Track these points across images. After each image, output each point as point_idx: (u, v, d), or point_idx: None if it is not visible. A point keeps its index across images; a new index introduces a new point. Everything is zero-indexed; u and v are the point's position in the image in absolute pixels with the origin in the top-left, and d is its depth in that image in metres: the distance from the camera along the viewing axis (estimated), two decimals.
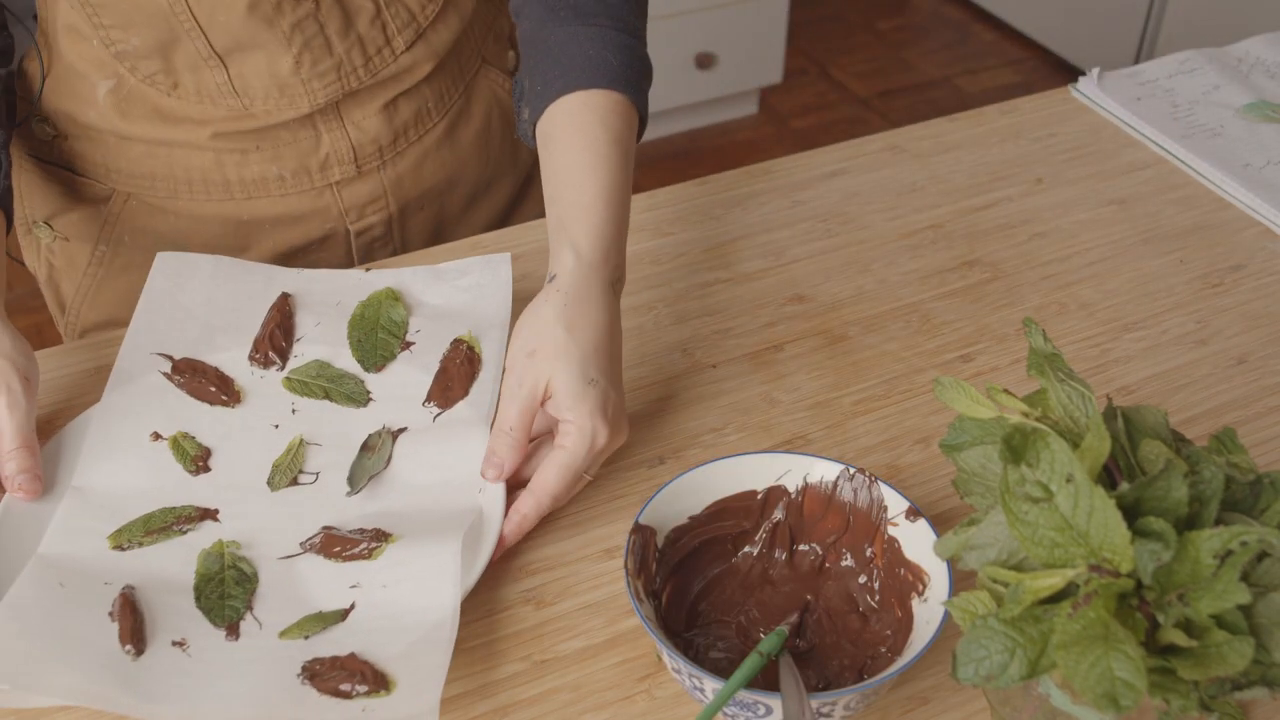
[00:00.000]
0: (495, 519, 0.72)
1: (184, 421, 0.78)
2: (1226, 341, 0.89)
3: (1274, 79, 1.16)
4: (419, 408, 0.79)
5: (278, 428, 0.78)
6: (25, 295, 2.26)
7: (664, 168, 2.59)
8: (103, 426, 0.77)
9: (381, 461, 0.76)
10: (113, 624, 0.66)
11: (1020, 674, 0.52)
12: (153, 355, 0.81)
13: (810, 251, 0.97)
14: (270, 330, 0.83)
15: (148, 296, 0.84)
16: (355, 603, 0.68)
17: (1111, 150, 1.09)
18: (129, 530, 0.72)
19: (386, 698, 0.63)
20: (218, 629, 0.67)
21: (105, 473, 0.75)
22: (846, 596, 0.70)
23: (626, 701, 0.66)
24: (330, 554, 0.71)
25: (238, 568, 0.70)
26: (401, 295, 0.86)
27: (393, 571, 0.70)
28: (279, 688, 0.64)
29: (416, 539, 0.71)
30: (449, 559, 0.68)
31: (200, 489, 0.75)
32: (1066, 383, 0.59)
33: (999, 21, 3.10)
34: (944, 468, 0.79)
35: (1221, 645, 0.51)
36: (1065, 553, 0.53)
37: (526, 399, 0.73)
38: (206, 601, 0.68)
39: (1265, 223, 1.00)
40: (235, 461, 0.77)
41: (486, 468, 0.74)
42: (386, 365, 0.82)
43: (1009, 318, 0.91)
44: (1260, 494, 0.57)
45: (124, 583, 0.68)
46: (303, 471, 0.76)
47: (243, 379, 0.81)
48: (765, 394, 0.84)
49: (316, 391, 0.81)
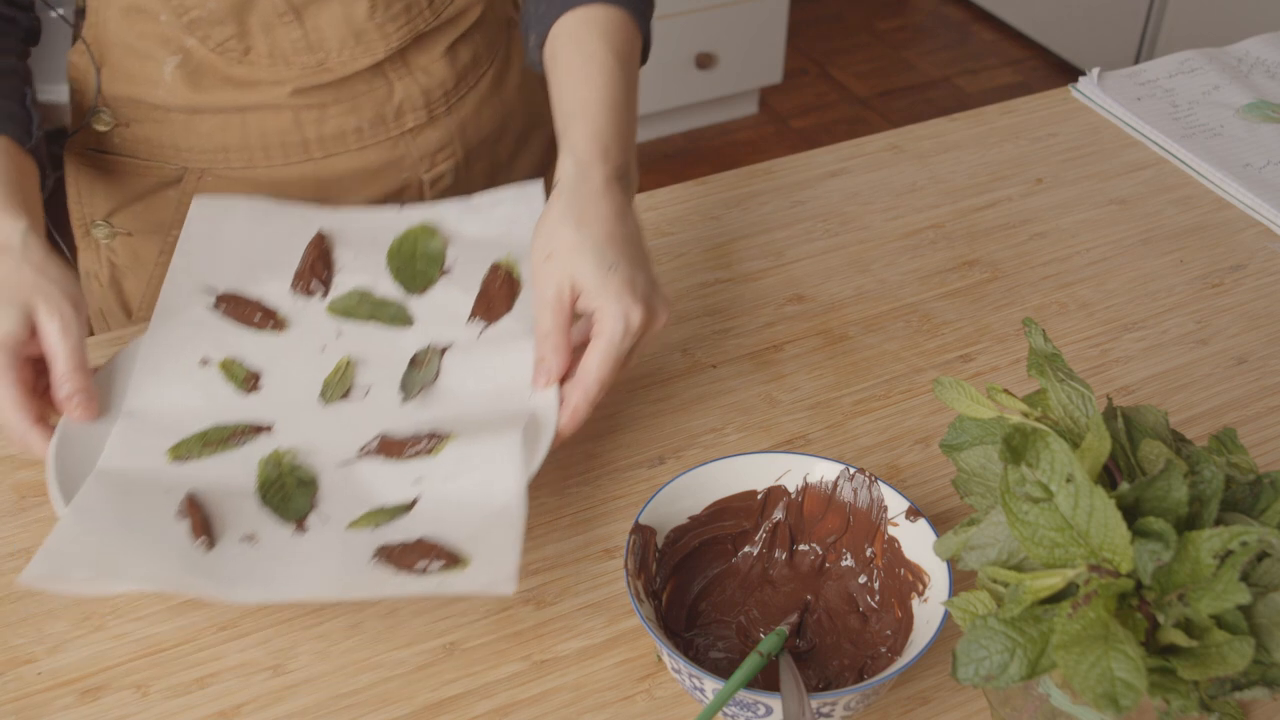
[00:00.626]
0: (550, 416, 0.73)
1: (231, 347, 0.79)
2: (1226, 341, 0.89)
3: (1274, 79, 1.16)
4: (463, 325, 0.81)
5: (324, 350, 0.80)
6: None
7: (664, 168, 2.58)
8: (150, 355, 0.78)
9: (431, 374, 0.78)
10: (181, 522, 0.67)
11: (1020, 674, 0.52)
12: (195, 291, 0.82)
13: (810, 251, 0.97)
14: (310, 262, 0.84)
15: (186, 238, 0.85)
16: (420, 495, 0.70)
17: (1111, 150, 1.09)
18: (186, 445, 0.74)
19: (463, 571, 0.65)
20: (286, 524, 0.69)
21: (156, 396, 0.76)
22: (846, 596, 0.70)
23: (626, 701, 0.66)
24: (390, 455, 0.73)
25: (297, 475, 0.72)
26: (437, 228, 0.87)
27: (455, 465, 0.72)
28: (354, 570, 0.66)
29: (475, 436, 0.73)
30: (510, 448, 0.71)
31: (253, 406, 0.76)
32: (1066, 383, 0.59)
33: (999, 21, 3.10)
34: (944, 468, 0.79)
35: (1221, 645, 0.51)
36: (1065, 553, 0.53)
37: (555, 301, 0.74)
38: (271, 501, 0.70)
39: (1265, 223, 1.00)
40: (285, 381, 0.78)
41: (536, 376, 0.75)
42: (427, 289, 0.84)
43: (1009, 318, 0.91)
44: (1260, 494, 0.57)
45: (186, 489, 0.70)
46: (353, 387, 0.78)
47: (286, 308, 0.82)
48: (765, 394, 0.84)
49: (361, 314, 0.82)
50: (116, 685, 0.67)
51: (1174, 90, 1.14)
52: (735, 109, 2.76)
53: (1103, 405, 0.60)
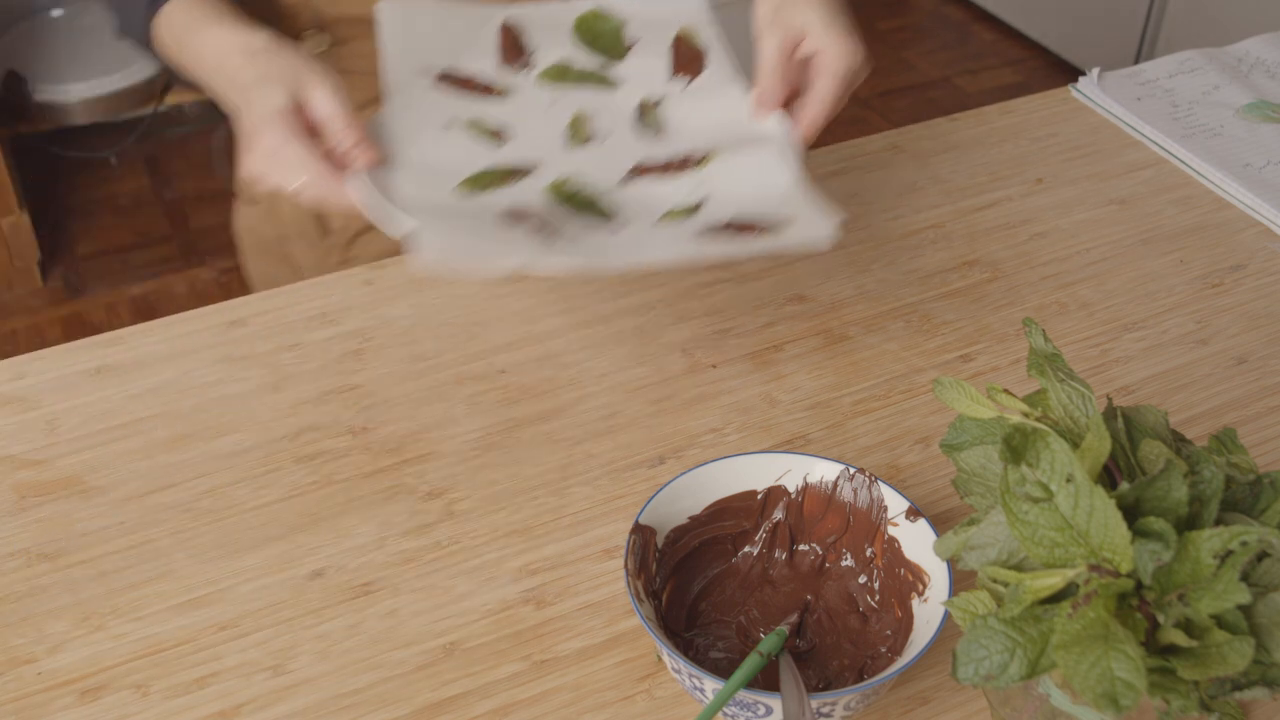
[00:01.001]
0: (784, 134, 0.79)
1: (469, 111, 0.83)
2: (1226, 341, 0.89)
3: (1274, 79, 1.16)
4: (667, 83, 0.86)
5: (553, 105, 0.84)
6: (25, 295, 2.26)
7: None
8: (396, 125, 0.81)
9: (659, 119, 0.83)
10: (518, 225, 0.71)
11: (1020, 674, 0.52)
12: (413, 75, 0.85)
13: (810, 251, 0.97)
14: (506, 46, 0.87)
15: (383, 38, 0.87)
16: (705, 197, 0.75)
17: (1111, 150, 1.09)
18: (471, 181, 0.77)
19: (784, 231, 0.69)
20: (596, 226, 0.74)
21: (419, 154, 0.79)
22: (846, 596, 0.70)
23: (626, 701, 0.66)
24: (661, 174, 0.77)
25: (584, 196, 0.76)
26: (608, 13, 0.91)
27: (726, 170, 0.77)
28: (682, 242, 0.70)
29: (732, 149, 0.78)
30: (770, 151, 0.76)
31: (509, 155, 0.80)
32: (1066, 383, 0.59)
33: (999, 21, 3.10)
34: (944, 468, 0.79)
35: (1221, 645, 0.51)
36: (1065, 553, 0.53)
37: (782, 37, 0.81)
38: (569, 210, 0.75)
39: (1265, 223, 1.00)
40: (529, 134, 0.82)
41: (759, 105, 0.81)
42: (622, 59, 0.88)
43: (1009, 318, 0.91)
44: (1260, 494, 0.57)
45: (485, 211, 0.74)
46: (593, 135, 0.82)
47: (502, 81, 0.86)
48: (765, 394, 0.84)
49: (570, 80, 0.86)
50: (116, 685, 0.67)
51: (1174, 90, 1.14)
52: None
53: (1103, 405, 0.60)
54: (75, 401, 0.83)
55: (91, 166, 2.55)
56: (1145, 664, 0.49)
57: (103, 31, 2.53)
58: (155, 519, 0.76)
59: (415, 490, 0.77)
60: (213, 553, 0.74)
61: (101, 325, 2.18)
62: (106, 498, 0.77)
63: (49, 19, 2.57)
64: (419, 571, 0.73)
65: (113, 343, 0.88)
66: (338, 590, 0.72)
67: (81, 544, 0.74)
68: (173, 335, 0.88)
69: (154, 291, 2.27)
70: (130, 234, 2.40)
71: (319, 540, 0.74)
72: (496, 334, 0.88)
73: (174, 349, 0.87)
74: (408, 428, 0.81)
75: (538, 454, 0.80)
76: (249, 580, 0.72)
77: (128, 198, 2.49)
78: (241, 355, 0.87)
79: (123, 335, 0.88)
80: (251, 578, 0.72)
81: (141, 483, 0.78)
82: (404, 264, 0.94)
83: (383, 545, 0.74)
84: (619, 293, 0.92)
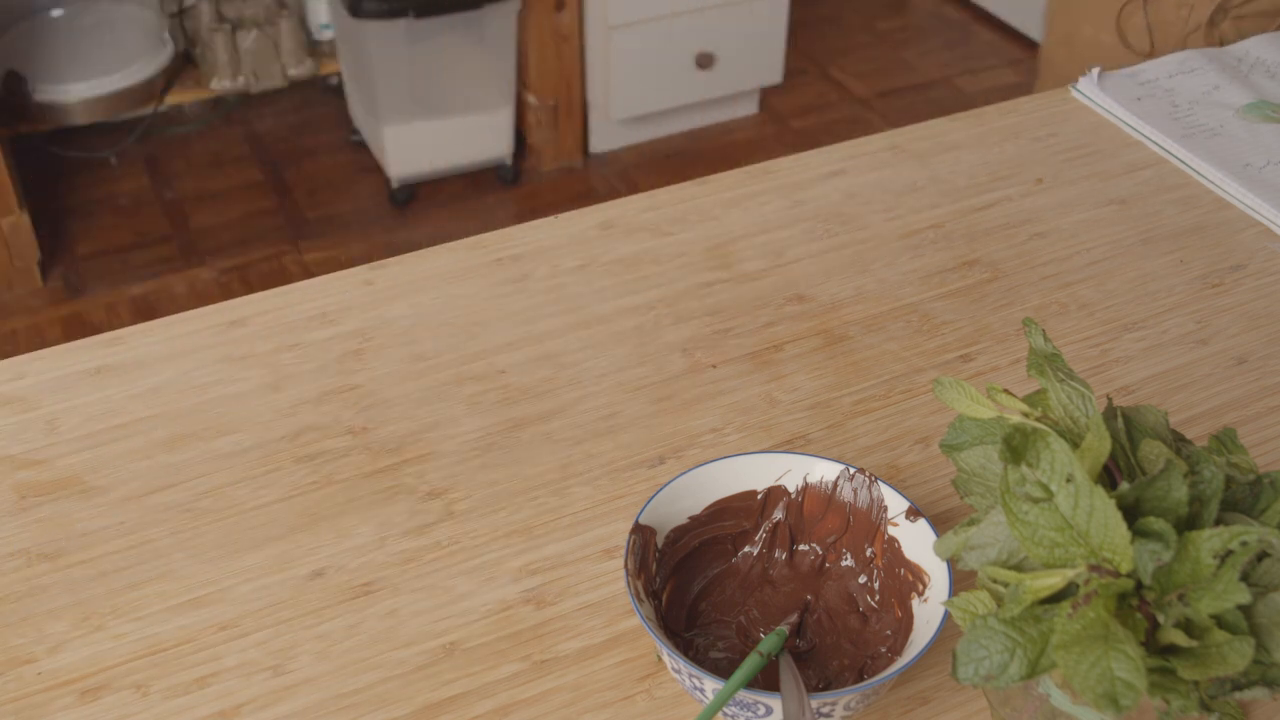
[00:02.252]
0: None
1: None
2: (1226, 341, 0.89)
3: (1274, 79, 1.16)
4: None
5: None
6: (25, 295, 2.26)
7: (664, 168, 2.58)
8: None
9: None
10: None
11: (1020, 674, 0.52)
12: None
13: (810, 251, 0.97)
14: None
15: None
16: None
17: (1111, 150, 1.09)
18: None
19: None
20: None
21: None
22: (846, 596, 0.70)
23: (626, 701, 0.66)
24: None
25: None
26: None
27: None
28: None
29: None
30: None
31: None
32: (1066, 383, 0.59)
33: (999, 21, 3.10)
34: (944, 468, 0.79)
35: (1221, 645, 0.51)
36: (1065, 553, 0.53)
37: None
38: None
39: (1265, 223, 1.00)
40: None
41: None
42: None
43: (1009, 318, 0.91)
44: (1260, 494, 0.57)
45: None
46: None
47: None
48: (765, 394, 0.84)
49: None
50: (116, 685, 0.67)
51: (1174, 90, 1.14)
52: (735, 109, 2.76)
53: (1103, 405, 0.60)
54: (75, 401, 0.83)
55: (91, 166, 2.55)
56: (1145, 664, 0.49)
57: (103, 31, 2.53)
58: (155, 519, 0.76)
59: (415, 490, 0.77)
60: (213, 553, 0.74)
61: (101, 325, 2.18)
62: (106, 498, 0.77)
63: (49, 19, 2.57)
64: (419, 571, 0.73)
65: (113, 343, 0.88)
66: (338, 590, 0.72)
67: (81, 544, 0.74)
68: (173, 335, 0.88)
69: (154, 291, 2.27)
70: (130, 234, 2.40)
71: (319, 540, 0.74)
72: (496, 334, 0.88)
73: (174, 349, 0.87)
74: (408, 428, 0.81)
75: (538, 454, 0.80)
76: (249, 580, 0.72)
77: (127, 198, 2.49)
78: (241, 355, 0.87)
79: (123, 335, 0.88)
80: (251, 578, 0.72)
81: (141, 483, 0.78)
82: (403, 264, 0.94)
83: (383, 545, 0.74)
84: (619, 293, 0.92)
